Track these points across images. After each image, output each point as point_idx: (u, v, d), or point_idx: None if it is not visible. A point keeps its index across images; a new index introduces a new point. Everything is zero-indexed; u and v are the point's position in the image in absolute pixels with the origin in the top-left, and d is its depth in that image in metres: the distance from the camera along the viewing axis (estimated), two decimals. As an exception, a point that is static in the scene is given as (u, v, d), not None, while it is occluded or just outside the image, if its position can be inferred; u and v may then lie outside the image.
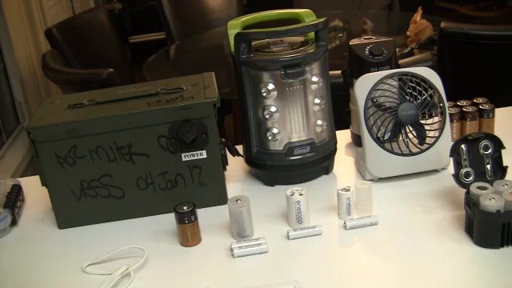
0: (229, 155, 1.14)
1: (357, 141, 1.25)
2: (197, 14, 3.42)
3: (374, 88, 1.09)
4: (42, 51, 2.73)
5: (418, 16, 2.49)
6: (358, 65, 1.18)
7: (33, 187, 1.21)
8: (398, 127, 1.08)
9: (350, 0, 4.21)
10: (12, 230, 1.10)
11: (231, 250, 0.95)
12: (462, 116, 1.22)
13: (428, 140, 1.10)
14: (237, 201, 0.97)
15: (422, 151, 1.09)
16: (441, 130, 1.10)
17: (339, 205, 1.01)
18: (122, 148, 1.04)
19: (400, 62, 1.50)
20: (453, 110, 1.20)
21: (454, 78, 2.07)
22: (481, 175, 0.97)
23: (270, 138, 1.12)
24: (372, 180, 1.12)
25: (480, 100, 1.24)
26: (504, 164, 0.98)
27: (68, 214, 1.08)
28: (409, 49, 2.42)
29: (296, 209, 0.99)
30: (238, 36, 1.08)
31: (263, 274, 0.90)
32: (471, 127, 1.21)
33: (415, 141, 1.10)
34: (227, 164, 1.11)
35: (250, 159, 1.16)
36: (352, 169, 1.19)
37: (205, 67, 1.36)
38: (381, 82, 1.09)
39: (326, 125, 1.14)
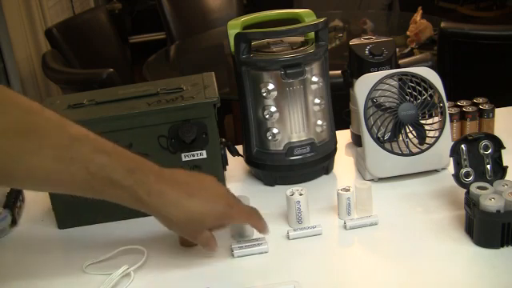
0: (229, 155, 1.14)
1: (357, 141, 1.25)
2: (197, 14, 3.42)
3: (374, 88, 1.09)
4: (42, 51, 2.73)
5: (418, 16, 2.49)
6: (358, 65, 1.18)
7: (33, 187, 1.21)
8: (398, 127, 1.08)
9: (350, 0, 4.21)
10: (12, 230, 1.10)
11: (231, 250, 0.94)
12: (462, 116, 1.22)
13: (428, 140, 1.10)
14: (237, 201, 0.97)
15: (422, 151, 1.09)
16: (441, 130, 1.10)
17: (339, 205, 1.01)
18: (122, 148, 1.04)
19: (400, 62, 1.49)
20: (453, 110, 1.20)
21: (454, 78, 2.07)
22: (481, 175, 0.97)
23: (270, 137, 1.11)
24: (372, 180, 1.12)
25: (480, 100, 1.24)
26: (504, 164, 0.98)
27: (68, 214, 1.08)
28: (409, 49, 2.42)
29: (296, 209, 0.98)
30: (237, 36, 1.08)
31: (263, 274, 0.90)
32: (471, 127, 1.21)
33: (415, 141, 1.10)
34: (227, 164, 1.11)
35: (250, 159, 1.16)
36: (352, 169, 1.19)
37: (205, 67, 1.36)
38: (381, 81, 1.09)
39: (325, 125, 1.14)
